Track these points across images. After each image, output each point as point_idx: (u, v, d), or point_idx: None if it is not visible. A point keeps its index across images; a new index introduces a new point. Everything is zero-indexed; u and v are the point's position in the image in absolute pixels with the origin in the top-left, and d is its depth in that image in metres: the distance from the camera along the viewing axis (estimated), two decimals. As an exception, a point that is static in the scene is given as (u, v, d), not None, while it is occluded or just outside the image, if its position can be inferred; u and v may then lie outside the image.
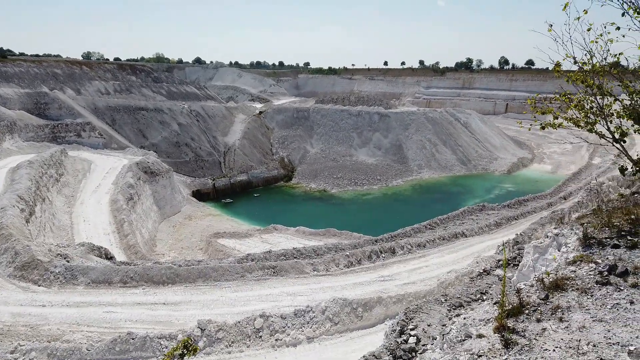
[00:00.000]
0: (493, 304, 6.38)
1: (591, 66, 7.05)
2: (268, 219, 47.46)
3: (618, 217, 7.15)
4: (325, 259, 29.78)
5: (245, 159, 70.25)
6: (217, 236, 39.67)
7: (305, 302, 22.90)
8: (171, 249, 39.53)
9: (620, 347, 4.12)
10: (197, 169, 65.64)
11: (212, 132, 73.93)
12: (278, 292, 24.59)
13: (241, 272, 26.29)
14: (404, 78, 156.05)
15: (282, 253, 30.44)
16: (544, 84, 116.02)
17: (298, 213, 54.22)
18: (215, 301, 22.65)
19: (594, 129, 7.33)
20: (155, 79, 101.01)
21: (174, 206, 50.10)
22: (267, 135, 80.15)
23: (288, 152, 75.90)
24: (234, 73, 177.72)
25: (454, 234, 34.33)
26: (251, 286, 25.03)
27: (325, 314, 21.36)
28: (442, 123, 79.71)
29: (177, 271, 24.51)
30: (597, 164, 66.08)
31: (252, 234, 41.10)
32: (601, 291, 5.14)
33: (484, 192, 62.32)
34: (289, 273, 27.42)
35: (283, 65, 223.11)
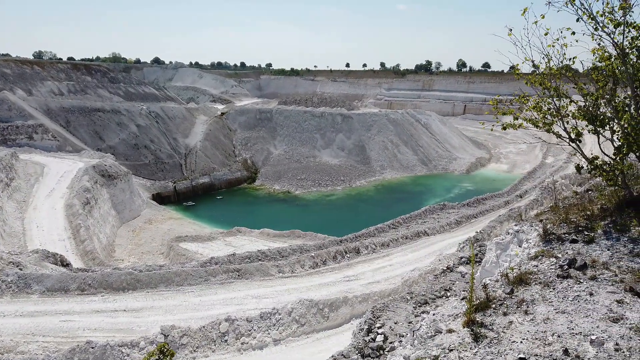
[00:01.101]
0: (461, 300, 6.55)
1: (549, 69, 7.36)
2: (231, 222, 46.86)
3: (574, 213, 7.48)
4: (290, 261, 29.70)
5: (207, 161, 69.11)
6: (179, 240, 38.82)
7: (271, 304, 22.77)
8: (131, 254, 38.37)
9: (583, 336, 4.31)
10: (157, 171, 64.05)
11: (173, 133, 72.35)
12: (243, 295, 24.34)
13: (205, 276, 25.86)
14: (365, 80, 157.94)
15: (246, 256, 30.15)
16: (500, 86, 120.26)
17: (262, 215, 53.81)
18: (179, 306, 22.16)
19: (551, 130, 7.65)
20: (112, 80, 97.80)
21: (133, 210, 48.67)
22: (230, 137, 79.17)
23: (251, 154, 75.25)
24: (194, 74, 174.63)
25: (417, 233, 34.98)
26: (215, 290, 24.66)
27: (292, 315, 21.30)
28: (404, 124, 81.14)
29: (138, 277, 23.82)
30: (551, 162, 69.03)
31: (216, 237, 40.48)
32: (562, 284, 5.37)
33: (445, 191, 63.86)
34: (254, 276, 27.19)
35: (245, 66, 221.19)
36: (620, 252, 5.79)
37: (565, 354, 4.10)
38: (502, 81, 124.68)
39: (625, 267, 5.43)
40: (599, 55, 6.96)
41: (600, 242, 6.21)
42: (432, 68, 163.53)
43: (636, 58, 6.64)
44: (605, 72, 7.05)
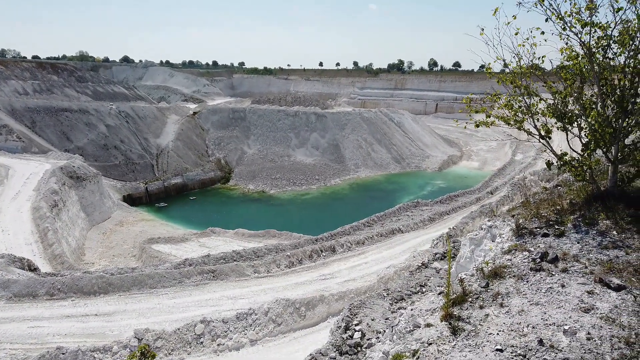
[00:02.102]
0: (438, 294, 6.65)
1: (519, 68, 7.54)
2: (205, 222, 46.27)
3: (545, 208, 7.70)
4: (266, 261, 29.57)
5: (179, 161, 68.06)
6: (151, 242, 38.11)
7: (247, 304, 22.64)
8: (101, 257, 37.45)
9: (556, 327, 4.45)
10: (128, 172, 62.68)
11: (144, 133, 70.91)
12: (218, 296, 24.11)
13: (179, 277, 25.50)
14: (339, 79, 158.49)
15: (221, 256, 29.86)
16: (470, 84, 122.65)
17: (237, 215, 53.35)
18: (152, 309, 21.79)
19: (522, 127, 7.84)
20: (79, 79, 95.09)
21: (104, 212, 47.50)
22: (202, 137, 78.15)
23: (225, 154, 74.47)
24: (165, 72, 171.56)
25: (391, 230, 35.34)
26: (190, 292, 24.35)
27: (268, 315, 21.23)
28: (377, 123, 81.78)
29: (110, 280, 23.29)
30: (520, 159, 70.79)
31: (189, 238, 39.91)
32: (535, 277, 5.52)
33: (418, 189, 64.70)
34: (229, 276, 26.97)
35: (217, 65, 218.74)
36: (589, 245, 5.99)
37: (540, 344, 4.22)
38: (472, 80, 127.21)
39: (595, 259, 5.62)
40: (567, 54, 7.18)
41: (570, 235, 6.41)
42: (404, 67, 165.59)
43: (602, 57, 6.87)
44: (572, 71, 7.27)
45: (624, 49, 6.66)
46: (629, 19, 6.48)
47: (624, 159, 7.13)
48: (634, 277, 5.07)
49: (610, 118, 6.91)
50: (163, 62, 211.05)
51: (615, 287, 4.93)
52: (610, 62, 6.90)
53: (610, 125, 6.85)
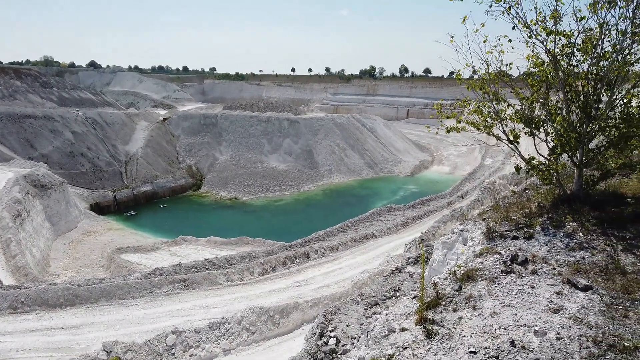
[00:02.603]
0: (412, 299, 6.69)
1: (488, 74, 7.71)
2: (176, 231, 45.43)
3: (514, 211, 7.87)
4: (239, 268, 29.25)
5: (149, 169, 66.73)
6: (120, 251, 37.16)
7: (220, 313, 22.32)
8: (67, 268, 36.25)
9: (527, 328, 4.53)
10: (96, 180, 61.03)
11: (112, 140, 69.25)
12: (190, 305, 23.69)
13: (149, 287, 24.94)
14: (311, 84, 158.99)
15: (193, 265, 29.38)
16: (441, 90, 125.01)
17: (208, 223, 52.58)
18: (122, 321, 21.22)
19: (491, 132, 8.01)
20: (43, 84, 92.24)
21: (70, 222, 46.06)
22: (173, 143, 76.88)
23: (196, 160, 73.45)
24: (133, 78, 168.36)
25: (365, 236, 35.52)
26: (161, 302, 23.84)
27: (242, 324, 20.96)
28: (350, 128, 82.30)
29: (76, 292, 22.57)
30: (489, 164, 72.41)
31: (160, 247, 39.10)
32: (506, 279, 5.62)
33: (391, 193, 65.29)
34: (202, 285, 26.55)
35: (188, 70, 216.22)
36: (557, 247, 6.15)
37: (512, 345, 4.28)
38: (442, 86, 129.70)
39: (563, 260, 5.77)
40: (533, 61, 7.39)
41: (539, 237, 6.56)
42: (375, 73, 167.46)
43: (566, 64, 7.10)
44: (539, 78, 7.49)
45: (587, 56, 6.91)
46: (591, 28, 6.73)
47: (588, 163, 7.37)
48: (600, 277, 5.23)
49: (574, 123, 7.13)
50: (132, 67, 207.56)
51: (582, 287, 5.06)
52: (574, 69, 7.14)
53: (575, 130, 7.07)
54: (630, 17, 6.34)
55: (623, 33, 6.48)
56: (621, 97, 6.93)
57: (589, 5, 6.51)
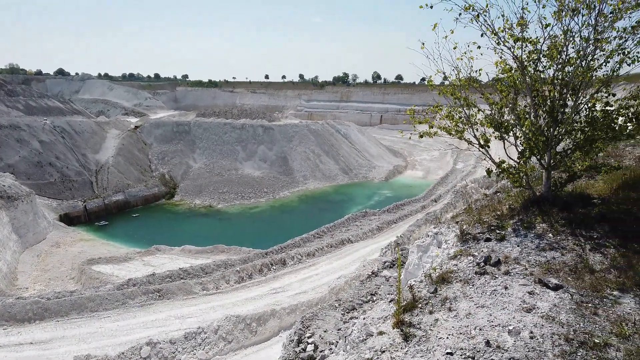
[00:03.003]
0: (389, 302, 6.73)
1: (458, 80, 7.87)
2: (150, 240, 44.58)
3: (486, 214, 8.03)
4: (214, 277, 28.91)
5: (120, 177, 65.35)
6: (91, 263, 36.21)
7: (196, 323, 21.99)
8: (36, 281, 35.06)
9: (502, 327, 4.62)
10: (65, 190, 59.37)
11: (81, 149, 67.57)
12: (165, 316, 23.27)
13: (122, 299, 24.39)
14: (285, 91, 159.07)
15: (167, 275, 28.89)
16: (413, 96, 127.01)
17: (183, 231, 51.80)
18: (94, 334, 20.65)
19: (462, 137, 8.17)
20: (9, 92, 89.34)
21: (38, 233, 44.63)
22: (145, 151, 75.55)
23: (169, 168, 72.34)
24: (103, 85, 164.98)
25: (341, 241, 35.62)
26: (134, 313, 23.34)
27: (218, 333, 20.68)
28: (324, 135, 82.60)
29: (46, 305, 21.87)
30: (461, 168, 73.74)
31: (133, 257, 38.29)
32: (480, 280, 5.72)
33: (366, 199, 65.73)
34: (176, 295, 26.12)
35: (159, 78, 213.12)
36: (528, 248, 6.30)
37: (487, 346, 4.36)
38: (414, 92, 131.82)
39: (534, 261, 5.91)
40: (502, 67, 7.59)
41: (510, 239, 6.71)
42: (349, 80, 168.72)
43: (533, 70, 7.32)
44: (507, 83, 7.69)
45: (552, 62, 7.13)
46: (556, 34, 6.96)
47: (556, 166, 7.59)
48: (570, 276, 5.38)
49: (542, 127, 7.35)
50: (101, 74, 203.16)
51: (553, 286, 5.19)
52: (541, 75, 7.36)
53: (542, 134, 7.28)
54: (593, 24, 6.58)
55: (586, 40, 6.73)
56: (586, 101, 7.18)
57: (554, 13, 6.74)
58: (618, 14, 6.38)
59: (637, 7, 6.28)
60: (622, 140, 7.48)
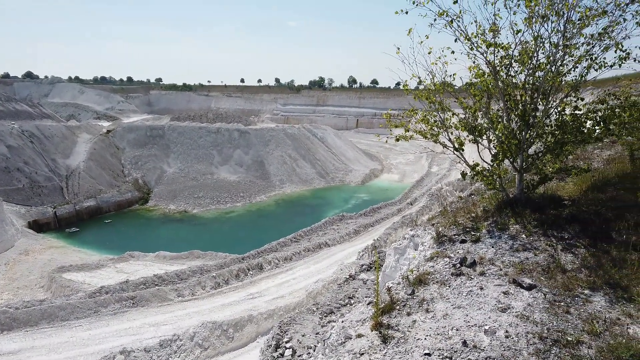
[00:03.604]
0: (367, 305, 6.75)
1: (433, 85, 8.00)
2: (123, 247, 43.60)
3: (462, 216, 8.16)
4: (190, 283, 28.50)
5: (92, 183, 63.84)
6: (62, 270, 35.17)
7: (171, 330, 21.63)
8: (4, 290, 33.86)
9: (478, 327, 4.69)
10: (34, 196, 57.59)
11: (51, 154, 65.71)
12: (139, 324, 22.80)
13: (94, 307, 23.81)
14: (261, 95, 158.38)
15: (141, 281, 28.33)
16: (388, 101, 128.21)
17: (157, 237, 50.87)
18: (65, 343, 20.08)
19: (437, 140, 8.30)
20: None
21: (5, 241, 43.15)
22: (118, 156, 74.01)
23: (143, 173, 71.02)
24: (74, 89, 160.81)
25: (318, 245, 35.61)
26: (107, 321, 22.79)
27: (194, 340, 20.38)
28: (301, 139, 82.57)
29: (14, 315, 21.15)
30: (436, 171, 74.75)
31: (105, 264, 37.38)
32: (456, 281, 5.80)
33: (342, 202, 65.90)
34: (151, 302, 25.64)
35: (132, 81, 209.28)
36: (502, 249, 6.42)
37: (464, 345, 4.42)
38: (389, 96, 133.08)
39: (508, 261, 6.03)
40: (475, 72, 7.74)
41: (485, 240, 6.83)
42: (325, 84, 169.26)
43: (505, 75, 7.49)
44: (480, 88, 7.85)
45: (523, 67, 7.32)
46: (527, 40, 7.15)
47: (528, 168, 7.78)
48: (543, 276, 5.50)
49: (514, 131, 7.52)
50: (72, 78, 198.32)
51: (527, 286, 5.31)
52: (513, 79, 7.55)
53: (515, 137, 7.46)
54: (562, 30, 6.79)
55: (555, 45, 6.93)
56: (556, 105, 7.39)
57: (525, 19, 6.92)
58: (585, 21, 6.59)
59: (604, 14, 6.50)
60: (591, 143, 7.72)
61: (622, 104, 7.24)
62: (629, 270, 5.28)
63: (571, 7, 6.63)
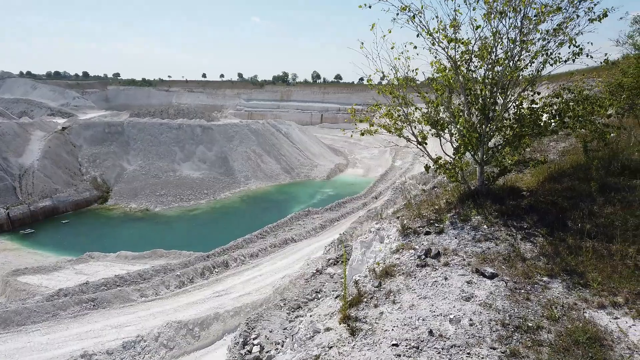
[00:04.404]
0: (335, 298, 6.78)
1: (396, 79, 8.08)
2: (82, 248, 42.14)
3: (426, 208, 8.31)
4: (153, 283, 27.92)
5: (47, 182, 61.27)
6: (16, 274, 33.69)
7: (135, 331, 21.14)
8: (-48, 296, 32.13)
9: (443, 317, 4.79)
10: (-16, 196, 54.79)
11: (2, 152, 62.60)
12: (101, 326, 22.16)
13: (52, 310, 22.96)
14: (224, 90, 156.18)
15: (102, 283, 27.54)
16: (352, 96, 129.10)
17: (118, 237, 49.44)
18: (22, 349, 19.29)
19: (401, 134, 8.40)
20: None
21: (-47, 244, 40.90)
22: (74, 154, 71.27)
23: (101, 171, 68.70)
24: (26, 84, 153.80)
25: (284, 240, 35.55)
26: (67, 325, 22.05)
27: (159, 340, 20.00)
28: (265, 134, 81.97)
29: (-35, 322, 20.12)
30: (399, 165, 75.94)
31: (63, 266, 36.05)
32: (422, 272, 5.91)
33: (308, 197, 65.98)
34: (113, 303, 24.96)
35: (89, 76, 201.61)
36: (465, 239, 6.59)
37: (431, 335, 4.51)
38: (353, 91, 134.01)
39: (471, 251, 6.19)
40: (436, 67, 7.87)
41: (448, 231, 6.99)
42: (288, 79, 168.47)
43: (466, 69, 7.65)
44: (442, 82, 7.99)
45: (483, 62, 7.50)
46: (486, 36, 7.32)
47: (488, 161, 7.99)
48: (504, 265, 5.68)
49: (475, 124, 7.71)
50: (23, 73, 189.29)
51: (489, 275, 5.46)
52: (473, 74, 7.72)
53: (475, 131, 7.64)
54: (519, 26, 7.00)
55: (513, 41, 7.14)
56: (514, 99, 7.61)
57: (484, 15, 7.09)
58: (541, 17, 6.82)
59: (558, 11, 6.74)
60: (547, 135, 8.00)
61: (575, 97, 7.53)
62: (584, 257, 5.52)
63: (528, 4, 6.84)
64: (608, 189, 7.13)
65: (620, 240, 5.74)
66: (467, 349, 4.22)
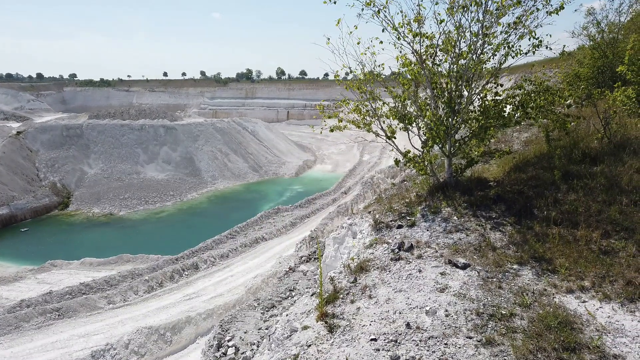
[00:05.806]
0: (311, 296, 6.75)
1: (363, 75, 8.10)
2: (43, 256, 40.56)
3: (396, 202, 8.38)
4: (121, 289, 27.21)
5: (3, 189, 58.60)
6: (-27, 286, 32.12)
7: (103, 340, 20.57)
8: None
9: (419, 309, 4.84)
10: None
11: (-48, 159, 59.51)
12: (67, 336, 21.45)
13: (14, 322, 22.06)
14: (186, 89, 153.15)
15: (66, 291, 26.65)
16: (318, 92, 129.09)
17: (81, 244, 47.81)
18: (-18, 366, 18.41)
19: (370, 129, 8.44)
20: None
21: None
22: (31, 159, 68.40)
23: (60, 176, 66.23)
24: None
25: (255, 239, 35.29)
26: (31, 336, 21.23)
27: (129, 347, 19.51)
28: (231, 132, 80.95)
29: None
30: (367, 160, 76.54)
31: (25, 275, 34.63)
32: (396, 266, 5.95)
33: (277, 195, 65.65)
34: (79, 312, 24.18)
35: (43, 78, 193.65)
36: (437, 231, 6.68)
37: (408, 328, 4.54)
38: (319, 87, 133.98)
39: (443, 243, 6.28)
40: (402, 61, 7.93)
41: (420, 224, 7.07)
42: (253, 76, 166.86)
43: (431, 63, 7.75)
44: (408, 76, 8.06)
45: (447, 56, 7.61)
46: (450, 30, 7.42)
47: (456, 153, 8.13)
48: (475, 255, 5.79)
49: (442, 117, 7.82)
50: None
51: (461, 266, 5.56)
52: (438, 68, 7.82)
53: (443, 124, 7.75)
54: (481, 20, 7.12)
55: (476, 35, 7.26)
56: (478, 92, 7.76)
57: (447, 9, 7.18)
58: (502, 11, 6.97)
59: (518, 4, 6.90)
60: (511, 126, 8.20)
61: (537, 89, 7.75)
62: (551, 244, 5.69)
63: (489, -2, 6.97)
64: (570, 177, 7.37)
65: (584, 225, 5.94)
66: (444, 339, 4.28)
